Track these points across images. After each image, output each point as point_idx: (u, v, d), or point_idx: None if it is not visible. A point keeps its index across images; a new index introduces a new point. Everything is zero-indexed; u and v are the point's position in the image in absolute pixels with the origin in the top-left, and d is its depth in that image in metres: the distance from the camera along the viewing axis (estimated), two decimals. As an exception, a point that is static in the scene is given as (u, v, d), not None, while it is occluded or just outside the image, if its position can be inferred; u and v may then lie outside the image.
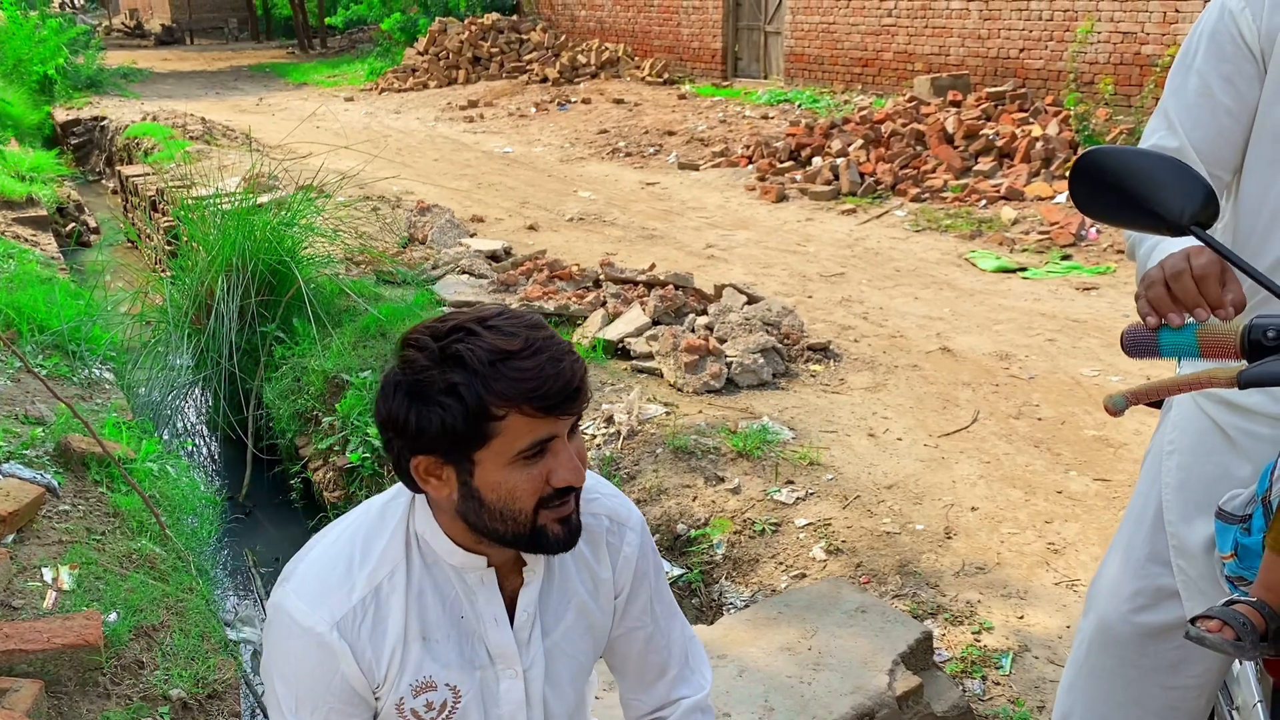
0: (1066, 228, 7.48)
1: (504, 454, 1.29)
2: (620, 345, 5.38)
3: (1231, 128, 1.76)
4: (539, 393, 1.26)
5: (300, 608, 1.36)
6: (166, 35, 32.20)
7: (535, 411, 1.27)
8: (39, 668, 2.74)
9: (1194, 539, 1.83)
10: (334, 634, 1.35)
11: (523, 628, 1.45)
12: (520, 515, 1.32)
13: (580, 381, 1.30)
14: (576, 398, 1.30)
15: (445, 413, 1.27)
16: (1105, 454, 4.27)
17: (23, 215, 8.98)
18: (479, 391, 1.26)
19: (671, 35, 16.77)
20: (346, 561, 1.39)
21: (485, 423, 1.28)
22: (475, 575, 1.41)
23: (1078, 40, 10.34)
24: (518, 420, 1.28)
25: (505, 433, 1.28)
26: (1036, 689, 2.90)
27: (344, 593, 1.36)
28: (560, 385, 1.27)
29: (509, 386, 1.26)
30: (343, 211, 7.24)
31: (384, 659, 1.37)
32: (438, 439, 1.29)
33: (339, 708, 1.38)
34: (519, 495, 1.31)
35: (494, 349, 1.27)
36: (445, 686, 1.41)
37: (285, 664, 1.38)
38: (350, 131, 12.55)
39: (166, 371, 5.90)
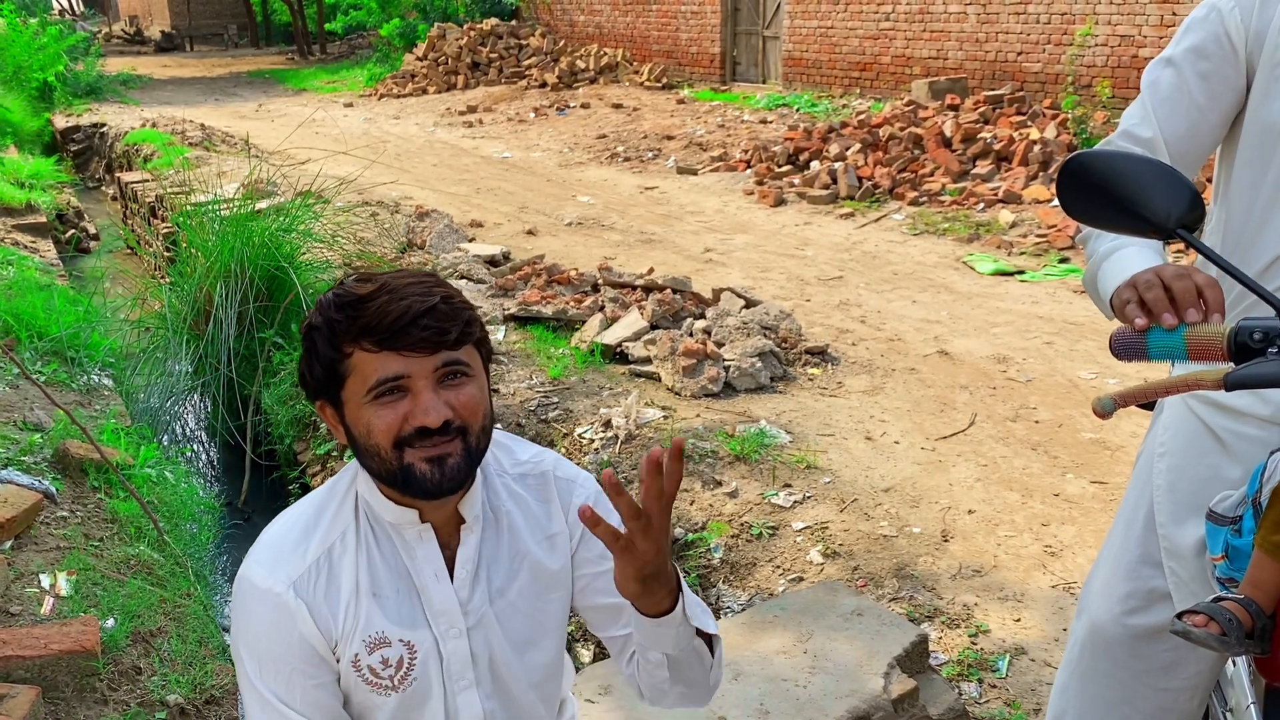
0: (1064, 231, 7.49)
1: (358, 392, 1.36)
2: (618, 349, 5.38)
3: (1200, 125, 1.77)
4: (370, 326, 1.33)
5: (259, 573, 1.42)
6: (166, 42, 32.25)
7: (373, 347, 1.34)
8: (36, 674, 2.74)
9: (1185, 541, 1.84)
10: (290, 593, 1.40)
11: (463, 586, 1.47)
12: (382, 452, 1.36)
13: (428, 318, 1.33)
14: (413, 331, 1.33)
15: (307, 356, 1.40)
16: (1102, 456, 4.27)
17: (22, 222, 8.99)
18: (327, 334, 1.37)
19: (670, 40, 16.79)
20: (301, 528, 1.46)
21: (338, 364, 1.37)
22: (413, 531, 1.45)
23: (1076, 43, 10.36)
24: (363, 358, 1.35)
25: (355, 371, 1.36)
26: (1033, 692, 2.90)
27: (299, 555, 1.43)
28: (392, 320, 1.32)
29: (347, 325, 1.35)
30: (341, 217, 7.25)
31: (339, 615, 1.42)
32: (310, 382, 1.41)
33: (300, 668, 1.41)
34: (374, 432, 1.36)
35: (343, 293, 1.37)
36: (399, 643, 1.44)
37: (248, 631, 1.42)
38: (349, 137, 12.57)
39: (165, 377, 5.91)
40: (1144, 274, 1.47)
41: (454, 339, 1.36)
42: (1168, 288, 1.44)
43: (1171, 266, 1.48)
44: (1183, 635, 1.55)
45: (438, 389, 1.36)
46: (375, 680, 1.44)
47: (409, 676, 1.44)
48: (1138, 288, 1.47)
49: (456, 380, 1.37)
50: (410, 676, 1.44)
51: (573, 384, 5.05)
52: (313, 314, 1.40)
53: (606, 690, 2.52)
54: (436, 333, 1.34)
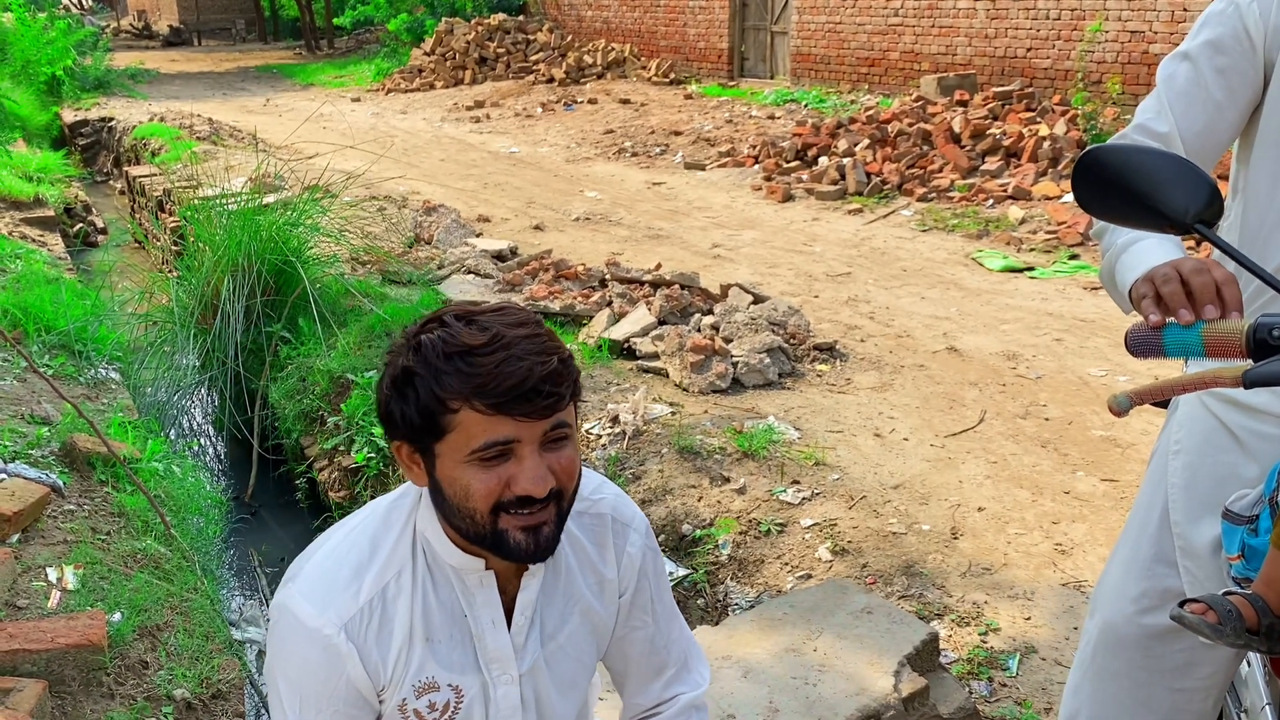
0: (1074, 227, 7.45)
1: (459, 450, 1.28)
2: (626, 345, 5.37)
3: (1217, 120, 1.75)
4: (486, 389, 1.24)
5: (307, 609, 1.34)
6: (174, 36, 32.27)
7: (486, 409, 1.25)
8: (43, 667, 2.74)
9: (1200, 539, 1.82)
10: (341, 636, 1.33)
11: (519, 632, 1.43)
12: (477, 516, 1.29)
13: (548, 384, 1.25)
14: (535, 399, 1.24)
15: (404, 401, 1.29)
16: (1113, 454, 4.25)
17: (30, 215, 9.00)
18: (430, 384, 1.26)
19: (678, 35, 16.75)
20: (354, 562, 1.38)
21: (440, 415, 1.27)
22: (475, 577, 1.40)
23: (1086, 39, 10.31)
24: (471, 417, 1.26)
25: (460, 428, 1.27)
26: (1043, 690, 2.89)
27: (351, 594, 1.35)
28: (512, 384, 1.23)
29: (459, 381, 1.25)
30: (349, 211, 7.24)
31: (390, 661, 1.36)
32: (401, 426, 1.30)
33: (343, 710, 1.37)
34: (472, 495, 1.28)
35: (453, 341, 1.26)
36: (448, 687, 1.40)
37: (290, 665, 1.36)
38: (356, 132, 12.56)
39: (172, 371, 5.91)
40: (1162, 268, 1.45)
41: (567, 401, 1.29)
42: (1185, 282, 1.42)
43: (1191, 260, 1.46)
44: (1178, 620, 1.54)
45: (542, 454, 1.29)
46: None
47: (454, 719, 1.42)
48: (1155, 282, 1.44)
49: (559, 443, 1.30)
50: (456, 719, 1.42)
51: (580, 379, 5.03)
52: (410, 354, 1.29)
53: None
54: (555, 399, 1.26)
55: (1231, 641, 1.50)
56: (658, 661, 1.61)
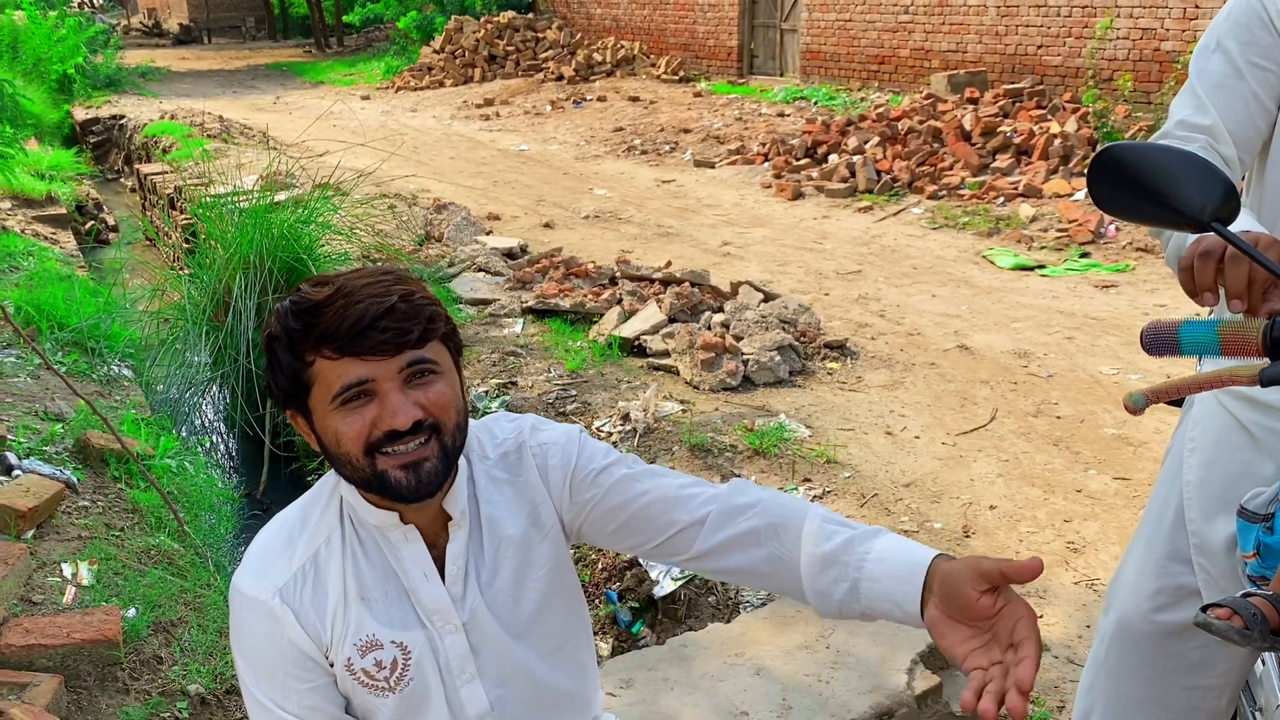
0: (1085, 225, 7.44)
1: (323, 401, 1.33)
2: (636, 343, 5.37)
3: (1256, 111, 1.74)
4: (329, 333, 1.30)
5: (247, 581, 1.41)
6: (184, 34, 32.35)
7: (334, 354, 1.31)
8: (58, 663, 2.76)
9: (1216, 537, 1.81)
10: (276, 599, 1.39)
11: (455, 582, 1.44)
12: (354, 460, 1.34)
13: (386, 319, 1.29)
14: (373, 334, 1.29)
15: (270, 366, 1.37)
16: (1125, 452, 4.24)
17: (42, 213, 9.04)
18: (285, 344, 1.34)
19: (687, 33, 16.74)
20: (286, 534, 1.45)
21: (301, 373, 1.34)
22: (398, 533, 1.43)
23: (1097, 37, 10.28)
24: (324, 365, 1.32)
25: (319, 379, 1.33)
26: (1056, 689, 2.88)
27: (284, 561, 1.42)
28: (349, 325, 1.29)
29: (305, 333, 1.32)
30: (359, 209, 7.25)
31: (327, 621, 1.41)
32: (277, 392, 1.38)
33: (294, 673, 1.41)
34: (343, 440, 1.33)
35: (301, 301, 1.34)
36: (392, 644, 1.42)
37: (242, 638, 1.42)
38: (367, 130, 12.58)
39: (184, 368, 5.93)
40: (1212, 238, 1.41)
41: (417, 338, 1.32)
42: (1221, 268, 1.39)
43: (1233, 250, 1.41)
44: (1203, 627, 1.53)
45: (405, 390, 1.32)
46: (370, 683, 1.43)
47: (405, 677, 1.43)
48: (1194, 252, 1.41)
49: (424, 379, 1.34)
50: (406, 677, 1.43)
51: (591, 377, 5.04)
52: (271, 323, 1.37)
53: (629, 684, 2.51)
54: (397, 334, 1.31)
55: (1258, 645, 1.50)
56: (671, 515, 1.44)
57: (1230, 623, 1.49)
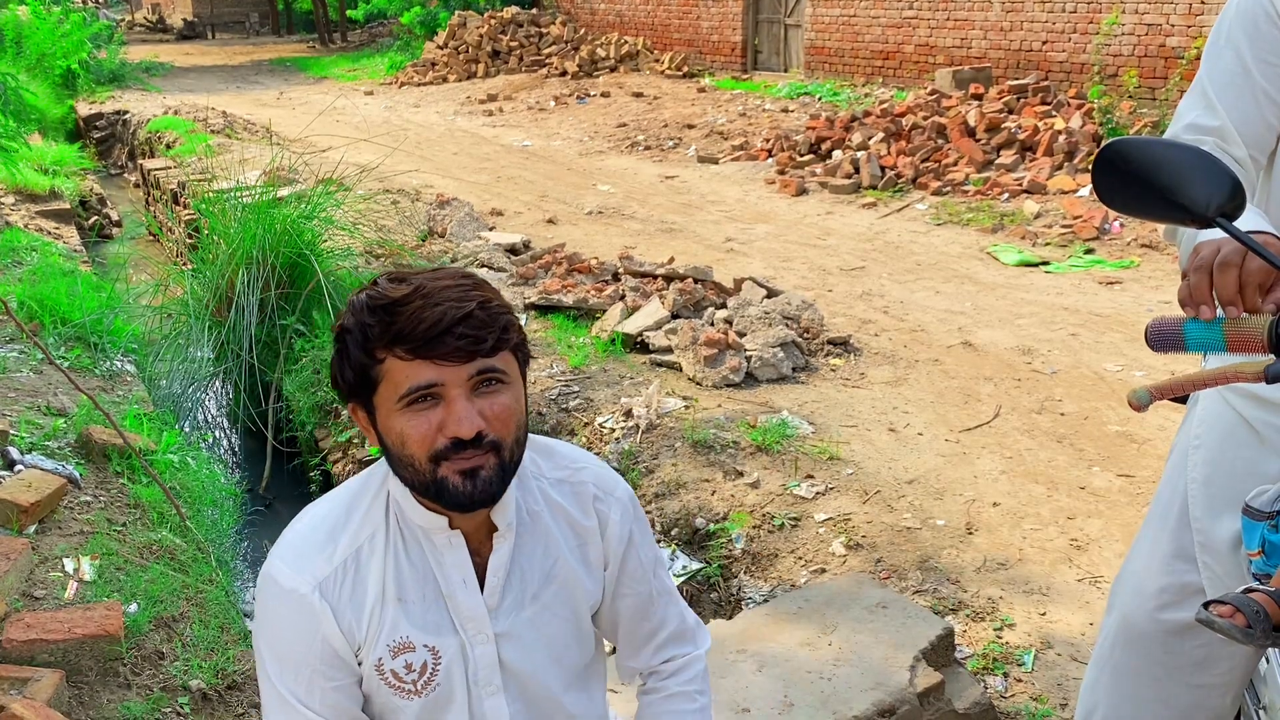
0: (1089, 221, 7.42)
1: (390, 399, 1.32)
2: (639, 339, 5.37)
3: (1268, 108, 1.72)
4: (404, 335, 1.29)
5: (285, 571, 1.39)
6: (188, 30, 32.35)
7: (406, 354, 1.29)
8: (60, 658, 2.75)
9: (1220, 535, 1.81)
10: (316, 594, 1.38)
11: (492, 593, 1.44)
12: (416, 463, 1.33)
13: (463, 326, 1.28)
14: (448, 340, 1.28)
15: (342, 360, 1.36)
16: (1129, 449, 4.23)
17: (46, 208, 9.04)
18: (358, 337, 1.32)
19: (691, 28, 16.72)
20: (329, 526, 1.42)
21: (370, 368, 1.33)
22: (443, 537, 1.42)
23: (1102, 32, 10.25)
24: (395, 364, 1.31)
25: (387, 378, 1.32)
26: (1059, 686, 2.88)
27: (325, 556, 1.40)
28: (425, 328, 1.28)
29: (380, 331, 1.30)
30: (362, 205, 7.25)
31: (363, 620, 1.40)
32: (343, 385, 1.37)
33: (321, 670, 1.40)
34: (408, 442, 1.32)
35: (377, 296, 1.32)
36: (424, 648, 1.42)
37: (270, 629, 1.41)
38: (370, 125, 12.57)
39: (187, 364, 5.92)
40: (1208, 245, 1.41)
41: (490, 346, 1.31)
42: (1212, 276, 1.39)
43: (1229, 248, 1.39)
44: (1206, 624, 1.52)
45: (471, 398, 1.31)
46: (398, 684, 1.42)
47: (432, 681, 1.43)
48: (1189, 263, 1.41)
49: (491, 388, 1.33)
50: (434, 682, 1.43)
51: (593, 373, 5.04)
52: (345, 315, 1.36)
53: (629, 680, 2.50)
54: (472, 341, 1.30)
55: (1262, 643, 1.49)
56: (649, 627, 1.61)
57: (1233, 620, 1.48)
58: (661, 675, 1.64)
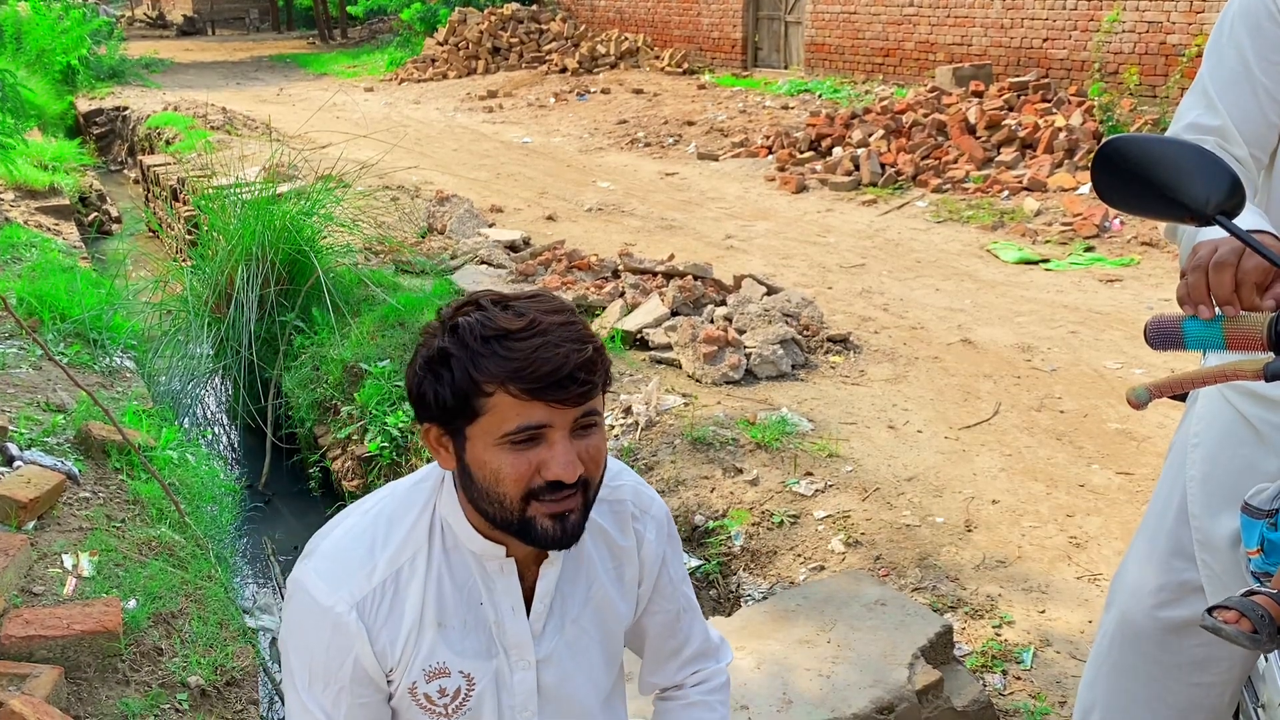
0: (1090, 219, 7.42)
1: (491, 433, 1.28)
2: (639, 336, 5.36)
3: (1269, 106, 1.72)
4: (523, 374, 1.24)
5: (321, 586, 1.35)
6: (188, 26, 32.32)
7: (521, 394, 1.25)
8: (59, 654, 2.76)
9: (1219, 533, 1.80)
10: (352, 615, 1.34)
11: (538, 619, 1.44)
12: (506, 501, 1.30)
13: (583, 371, 1.26)
14: (569, 386, 1.25)
15: (438, 382, 1.29)
16: (1128, 447, 4.23)
17: (45, 204, 9.03)
18: (466, 365, 1.26)
19: (691, 25, 16.70)
20: (369, 542, 1.38)
21: (474, 398, 1.27)
22: (495, 564, 1.40)
23: (1103, 30, 10.24)
24: (505, 400, 1.26)
25: (493, 411, 1.27)
26: (1058, 684, 2.88)
27: (365, 574, 1.36)
28: (549, 370, 1.24)
29: (496, 364, 1.25)
30: (362, 201, 7.24)
31: (399, 643, 1.37)
32: (434, 408, 1.31)
33: (350, 688, 1.38)
34: (503, 479, 1.29)
35: (491, 325, 1.27)
36: (459, 674, 1.40)
37: (301, 640, 1.38)
38: (370, 121, 12.57)
39: (186, 360, 5.92)
40: (1204, 247, 1.41)
41: (598, 389, 1.30)
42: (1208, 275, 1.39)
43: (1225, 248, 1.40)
44: (1213, 631, 1.52)
45: (572, 441, 1.29)
46: (429, 706, 1.41)
47: (464, 706, 1.42)
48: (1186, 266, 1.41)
49: (589, 431, 1.31)
50: (465, 707, 1.42)
51: (593, 370, 5.03)
52: (446, 335, 1.29)
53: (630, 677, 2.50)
54: (589, 386, 1.27)
55: (1268, 647, 1.49)
56: (675, 644, 1.62)
57: (1238, 626, 1.48)
58: (682, 687, 1.66)
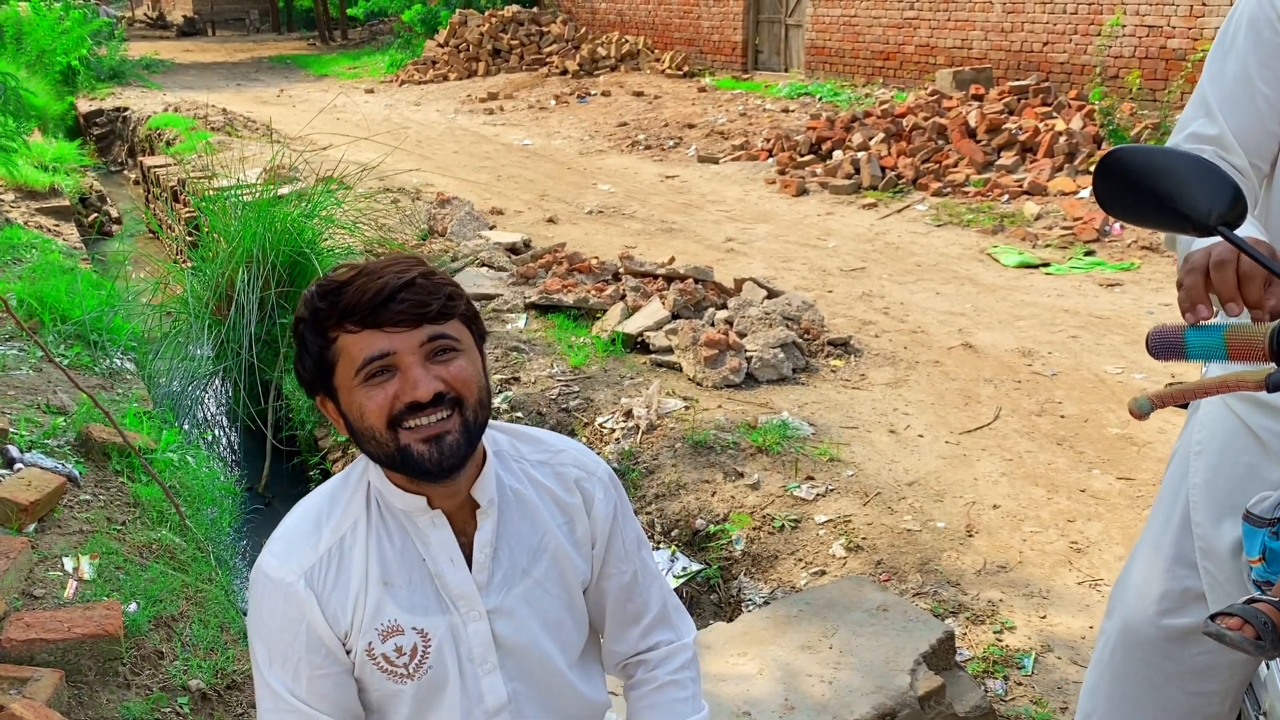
0: (1090, 223, 7.42)
1: (348, 376, 1.37)
2: (639, 339, 5.36)
3: (1269, 116, 1.72)
4: (351, 307, 1.34)
5: (273, 563, 1.43)
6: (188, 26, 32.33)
7: (356, 327, 1.35)
8: (59, 657, 2.75)
9: (1221, 541, 1.80)
10: (300, 583, 1.41)
11: (481, 569, 1.47)
12: (378, 434, 1.37)
13: (406, 293, 1.34)
14: (393, 306, 1.33)
15: (302, 352, 1.41)
16: (1129, 452, 4.23)
17: (46, 205, 9.03)
18: (311, 323, 1.38)
19: (692, 28, 16.71)
20: (315, 518, 1.47)
21: (326, 350, 1.38)
22: (425, 518, 1.45)
23: (1105, 34, 10.25)
24: (347, 340, 1.36)
25: (343, 356, 1.37)
26: (1059, 690, 2.88)
27: (311, 545, 1.44)
28: (369, 297, 1.33)
29: (329, 310, 1.36)
30: (363, 203, 7.24)
31: (348, 605, 1.43)
32: (306, 376, 1.42)
33: (308, 658, 1.43)
34: (367, 413, 1.36)
35: (326, 284, 1.39)
36: (412, 630, 1.44)
37: (259, 620, 1.44)
38: (370, 123, 12.56)
39: (187, 362, 5.92)
40: (1198, 253, 1.41)
41: (435, 312, 1.36)
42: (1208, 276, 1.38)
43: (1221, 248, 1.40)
44: (1216, 637, 1.52)
45: (426, 364, 1.36)
46: (390, 669, 1.44)
47: (424, 665, 1.45)
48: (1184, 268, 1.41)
49: (446, 355, 1.38)
50: (425, 665, 1.45)
51: (594, 373, 5.04)
52: (298, 309, 1.42)
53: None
54: (416, 305, 1.35)
55: (1271, 655, 1.49)
56: (634, 608, 1.64)
57: (1242, 633, 1.48)
58: (649, 665, 1.66)
